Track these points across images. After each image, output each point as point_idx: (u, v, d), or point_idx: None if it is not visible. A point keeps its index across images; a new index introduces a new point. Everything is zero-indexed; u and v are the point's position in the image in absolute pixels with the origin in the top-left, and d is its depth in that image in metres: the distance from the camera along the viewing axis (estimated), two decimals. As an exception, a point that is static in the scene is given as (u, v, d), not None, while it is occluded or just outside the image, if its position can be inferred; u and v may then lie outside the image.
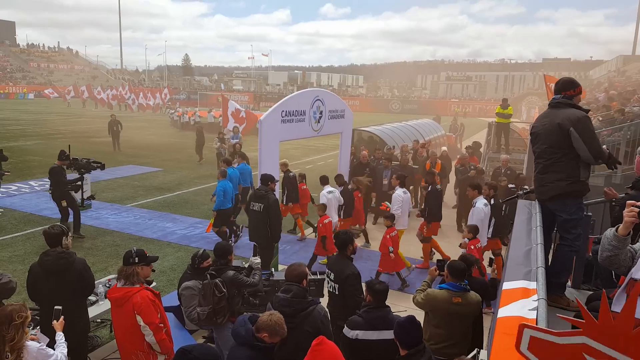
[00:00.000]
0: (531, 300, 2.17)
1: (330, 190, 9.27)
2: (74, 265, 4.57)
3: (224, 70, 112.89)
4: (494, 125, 16.52)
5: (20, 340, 3.28)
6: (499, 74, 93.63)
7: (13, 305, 3.33)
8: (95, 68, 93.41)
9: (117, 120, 22.26)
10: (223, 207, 9.30)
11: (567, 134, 3.56)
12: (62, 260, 4.49)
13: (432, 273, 4.77)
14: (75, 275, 4.54)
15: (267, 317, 3.30)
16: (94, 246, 9.52)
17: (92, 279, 4.90)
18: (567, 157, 3.66)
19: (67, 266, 4.51)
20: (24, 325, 3.30)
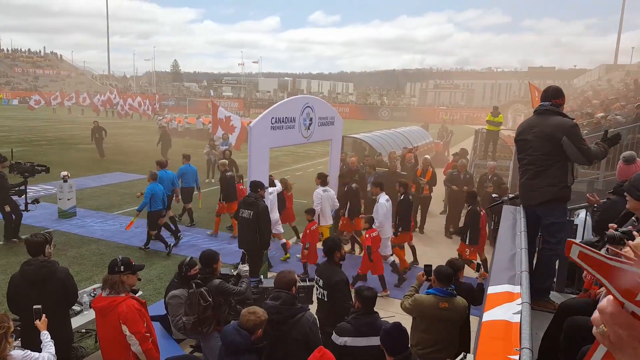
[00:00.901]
0: (515, 304, 2.20)
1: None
2: (56, 274, 4.49)
3: (214, 76, 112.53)
4: (484, 133, 16.69)
5: (4, 350, 3.23)
6: (486, 82, 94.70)
7: None
8: (82, 74, 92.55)
9: (100, 126, 21.91)
10: (153, 208, 9.50)
11: (559, 142, 3.66)
12: (44, 269, 4.41)
13: (420, 278, 4.79)
14: (57, 284, 4.46)
15: (252, 317, 3.31)
16: (79, 255, 9.40)
17: (75, 288, 4.82)
18: (559, 164, 3.77)
19: (49, 275, 4.42)
20: (6, 336, 3.24)
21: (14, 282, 4.47)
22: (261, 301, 5.00)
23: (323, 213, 9.37)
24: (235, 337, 3.26)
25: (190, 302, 4.72)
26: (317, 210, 9.11)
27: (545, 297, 3.85)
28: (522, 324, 1.96)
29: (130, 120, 46.86)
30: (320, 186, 9.50)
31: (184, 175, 11.44)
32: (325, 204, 9.43)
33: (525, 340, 1.82)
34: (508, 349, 1.83)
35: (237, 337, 3.25)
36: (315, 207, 9.15)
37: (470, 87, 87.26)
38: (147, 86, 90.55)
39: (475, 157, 16.55)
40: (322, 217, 9.37)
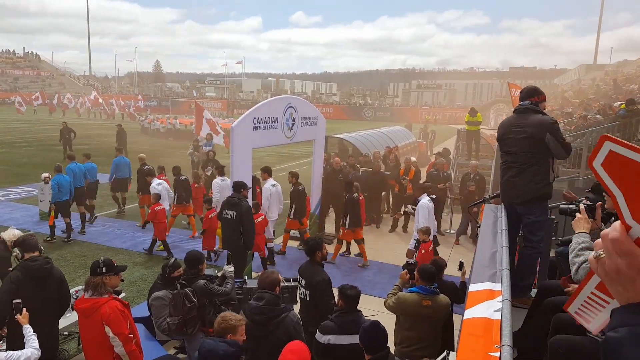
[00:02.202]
0: (496, 301, 2.23)
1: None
2: (55, 272, 4.50)
3: (196, 77, 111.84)
4: (464, 133, 16.87)
5: None
6: (468, 82, 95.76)
7: None
8: (62, 74, 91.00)
9: (69, 127, 21.52)
10: (59, 199, 9.98)
11: (542, 139, 3.74)
12: (48, 265, 4.41)
13: (403, 277, 4.83)
14: (56, 281, 4.44)
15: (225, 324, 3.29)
16: (61, 257, 9.24)
17: (69, 289, 4.80)
18: (541, 161, 3.85)
19: (51, 272, 4.43)
20: None
21: (14, 279, 4.32)
22: (245, 302, 5.00)
23: (270, 209, 9.46)
24: (227, 348, 3.14)
25: (175, 303, 4.69)
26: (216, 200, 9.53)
27: (527, 294, 3.91)
28: (503, 321, 2.00)
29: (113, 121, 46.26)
30: (218, 176, 10.03)
31: (117, 167, 12.20)
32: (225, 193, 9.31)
33: (505, 337, 1.85)
34: (488, 346, 1.86)
35: (229, 347, 3.15)
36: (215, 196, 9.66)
37: (452, 87, 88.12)
38: (129, 87, 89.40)
39: (457, 157, 16.73)
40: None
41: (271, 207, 9.42)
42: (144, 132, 34.71)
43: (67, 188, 10.18)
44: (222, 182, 9.86)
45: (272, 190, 9.43)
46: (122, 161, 12.38)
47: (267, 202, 9.33)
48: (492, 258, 2.88)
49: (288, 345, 2.81)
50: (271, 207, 9.42)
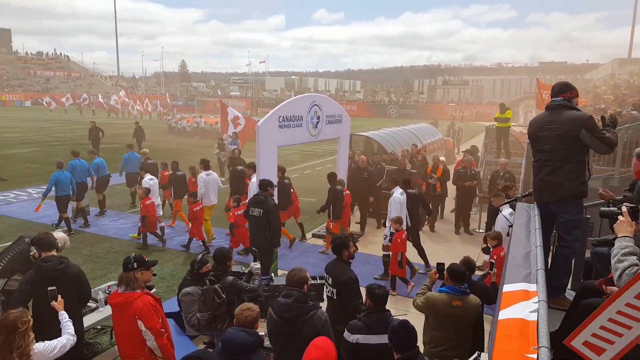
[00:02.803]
0: (531, 302, 2.18)
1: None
2: (71, 270, 4.54)
3: (221, 76, 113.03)
4: (493, 130, 16.55)
5: (28, 345, 3.32)
6: (496, 77, 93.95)
7: (14, 313, 3.35)
8: (92, 75, 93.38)
9: (97, 127, 21.96)
10: (60, 194, 10.48)
11: (577, 136, 3.64)
12: (61, 265, 4.46)
13: (432, 276, 4.77)
14: (73, 280, 4.50)
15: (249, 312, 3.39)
16: (92, 253, 9.50)
17: (88, 283, 4.86)
18: (576, 159, 3.75)
19: (66, 271, 4.47)
20: (28, 330, 3.34)
21: (29, 279, 4.46)
22: (272, 299, 5.02)
23: (207, 194, 10.27)
24: (246, 337, 3.19)
25: (204, 298, 4.76)
26: (201, 193, 10.14)
27: (561, 294, 3.82)
28: (540, 322, 1.95)
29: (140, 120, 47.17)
30: (203, 171, 10.47)
31: (127, 162, 12.90)
32: (209, 187, 10.34)
33: (542, 339, 1.81)
34: (525, 347, 1.82)
35: (248, 336, 3.19)
36: (200, 190, 10.19)
37: (479, 83, 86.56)
38: (155, 87, 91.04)
39: (485, 154, 16.43)
40: (207, 198, 10.28)
41: None
42: (171, 131, 35.33)
43: (67, 184, 10.63)
44: (206, 177, 10.33)
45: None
46: (132, 157, 12.97)
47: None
48: (526, 258, 2.82)
49: (314, 340, 2.82)
50: None
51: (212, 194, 10.47)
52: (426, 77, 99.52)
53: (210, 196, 10.39)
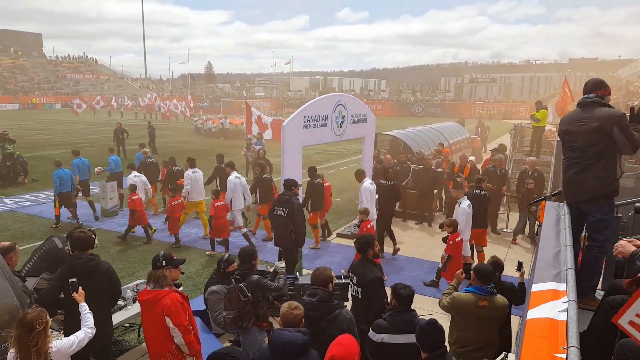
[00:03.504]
0: (561, 302, 2.14)
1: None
2: (101, 267, 4.62)
3: (246, 77, 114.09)
4: (522, 129, 16.17)
5: (45, 345, 3.36)
6: (524, 75, 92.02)
7: (32, 313, 3.38)
8: (120, 78, 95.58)
9: (122, 128, 22.56)
10: (61, 190, 11.16)
11: (610, 133, 3.56)
12: (92, 262, 4.55)
13: (459, 276, 4.71)
14: (103, 277, 4.60)
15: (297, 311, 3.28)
16: (121, 252, 9.72)
17: (119, 281, 4.96)
18: (608, 156, 3.66)
19: (97, 268, 4.55)
20: (45, 331, 3.38)
21: (61, 275, 4.55)
22: (297, 298, 5.04)
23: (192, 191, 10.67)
24: (303, 337, 3.11)
25: (230, 297, 4.81)
26: (186, 190, 10.57)
27: (591, 295, 3.72)
28: (569, 322, 1.91)
29: (168, 122, 48.11)
30: (190, 168, 10.80)
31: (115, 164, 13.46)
32: (195, 184, 10.73)
33: (572, 339, 1.77)
34: (554, 347, 1.78)
35: (304, 336, 3.12)
36: (185, 187, 10.59)
37: (507, 80, 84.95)
38: (182, 88, 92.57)
39: (514, 153, 16.11)
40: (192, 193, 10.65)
41: None
42: (198, 132, 35.88)
43: (68, 181, 11.29)
44: (192, 174, 10.69)
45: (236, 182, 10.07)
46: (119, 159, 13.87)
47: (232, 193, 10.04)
48: (556, 257, 2.75)
49: (337, 338, 2.81)
50: None
51: (199, 191, 10.84)
52: (452, 75, 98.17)
53: (195, 193, 10.73)
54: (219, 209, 9.59)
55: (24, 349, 3.29)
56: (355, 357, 2.63)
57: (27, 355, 3.29)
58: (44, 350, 3.36)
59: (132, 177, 11.19)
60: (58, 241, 5.66)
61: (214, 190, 10.09)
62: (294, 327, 3.24)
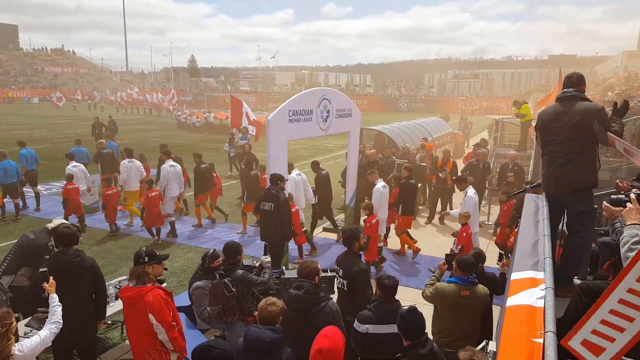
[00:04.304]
0: (539, 289, 2.20)
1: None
2: (87, 263, 4.59)
3: (230, 71, 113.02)
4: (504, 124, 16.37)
5: (6, 348, 3.21)
6: (505, 71, 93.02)
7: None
8: (100, 71, 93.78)
9: (100, 122, 22.44)
10: (5, 182, 11.30)
11: (591, 127, 3.63)
12: (77, 258, 4.52)
13: (441, 267, 4.79)
14: (88, 273, 4.56)
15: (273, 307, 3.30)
16: (103, 249, 9.61)
17: (103, 277, 4.92)
18: (589, 149, 3.74)
19: (82, 264, 4.52)
20: (9, 333, 3.22)
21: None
22: (283, 292, 5.06)
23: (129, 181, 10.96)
24: (273, 335, 3.14)
25: (214, 292, 4.81)
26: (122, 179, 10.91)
27: (569, 284, 3.81)
28: (546, 308, 1.97)
29: (149, 116, 47.55)
30: (126, 158, 11.04)
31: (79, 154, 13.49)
32: (131, 173, 10.98)
33: (549, 324, 1.83)
34: (532, 332, 1.84)
35: (274, 334, 3.15)
36: (122, 176, 10.91)
37: (489, 76, 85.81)
38: (165, 82, 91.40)
39: (495, 147, 16.34)
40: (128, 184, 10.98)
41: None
42: (181, 126, 35.53)
43: (13, 172, 11.45)
44: (129, 164, 10.91)
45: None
46: (79, 150, 13.69)
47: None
48: (534, 247, 2.83)
49: (323, 330, 2.85)
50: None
51: (135, 180, 11.10)
52: (436, 71, 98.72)
53: (131, 182, 11.00)
54: (153, 199, 9.83)
55: None
56: (341, 348, 2.67)
57: None
58: (5, 354, 3.20)
59: (71, 167, 11.27)
60: (30, 234, 5.59)
61: (148, 180, 10.38)
62: (270, 324, 3.27)
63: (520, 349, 1.76)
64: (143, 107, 52.45)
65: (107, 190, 10.58)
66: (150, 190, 9.93)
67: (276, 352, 3.13)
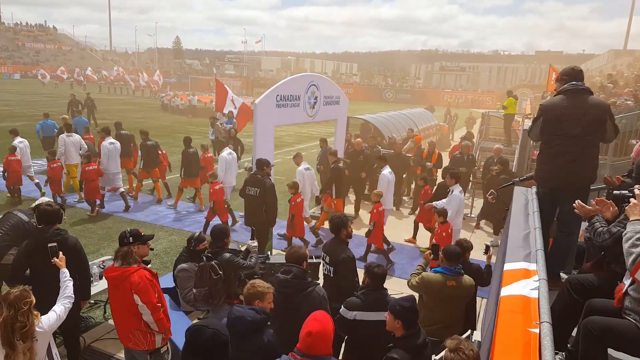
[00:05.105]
0: (532, 280, 2.23)
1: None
2: (69, 242, 4.50)
3: (215, 54, 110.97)
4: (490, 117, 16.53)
5: (32, 325, 3.23)
6: (492, 65, 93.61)
7: (15, 293, 3.22)
8: (83, 49, 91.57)
9: (76, 100, 22.09)
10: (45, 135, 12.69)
11: (604, 123, 3.58)
12: (59, 236, 4.42)
13: (427, 257, 4.83)
14: (71, 252, 4.47)
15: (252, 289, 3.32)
16: (85, 229, 9.46)
17: (86, 256, 4.84)
18: (597, 145, 3.73)
19: (64, 243, 4.43)
20: (31, 310, 3.24)
21: (28, 250, 4.44)
22: (268, 277, 5.05)
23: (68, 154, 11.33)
24: (255, 315, 3.16)
25: (200, 274, 4.77)
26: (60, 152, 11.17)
27: (557, 278, 3.85)
28: (541, 299, 1.99)
29: (132, 97, 46.69)
30: (65, 132, 11.55)
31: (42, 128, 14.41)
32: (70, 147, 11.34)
33: (544, 315, 1.85)
34: (527, 323, 1.86)
35: (256, 314, 3.17)
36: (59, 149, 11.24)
37: (476, 70, 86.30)
38: (149, 63, 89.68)
39: (481, 141, 16.50)
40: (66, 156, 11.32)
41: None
42: (164, 108, 35.00)
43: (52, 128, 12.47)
44: (67, 138, 11.32)
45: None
46: (46, 124, 14.60)
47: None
48: (526, 239, 2.86)
49: (313, 314, 2.86)
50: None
51: (74, 154, 11.41)
52: (423, 62, 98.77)
53: (71, 156, 11.35)
54: (90, 173, 10.15)
55: (7, 331, 3.12)
56: (330, 333, 2.68)
57: (9, 338, 3.12)
58: (31, 332, 3.21)
59: (17, 142, 11.41)
60: (23, 215, 5.44)
61: (86, 155, 10.51)
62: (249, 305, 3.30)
63: (516, 338, 1.78)
64: (127, 87, 51.45)
65: (51, 163, 10.72)
66: (87, 165, 10.21)
67: (258, 332, 3.14)
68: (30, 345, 3.22)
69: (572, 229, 3.82)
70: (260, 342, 3.08)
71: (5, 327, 3.13)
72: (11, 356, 3.14)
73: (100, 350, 5.49)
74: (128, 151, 12.25)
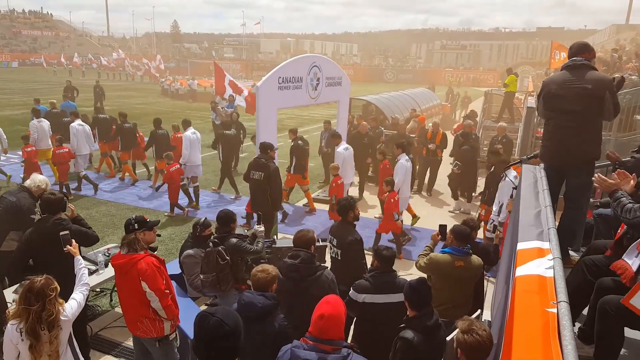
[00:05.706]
0: (546, 259, 2.20)
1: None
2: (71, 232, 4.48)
3: (214, 37, 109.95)
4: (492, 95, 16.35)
5: (58, 313, 3.24)
6: (493, 42, 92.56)
7: (40, 280, 3.22)
8: (81, 35, 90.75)
9: (72, 86, 21.91)
10: None
11: (602, 97, 3.52)
12: (59, 227, 4.40)
13: (435, 237, 4.80)
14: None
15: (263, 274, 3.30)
16: (89, 216, 9.44)
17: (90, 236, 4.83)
18: (598, 120, 3.67)
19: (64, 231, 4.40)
20: (57, 298, 3.26)
21: (31, 239, 4.43)
22: (274, 261, 5.04)
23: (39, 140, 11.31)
24: (265, 301, 3.15)
25: (207, 260, 4.76)
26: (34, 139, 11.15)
27: (565, 255, 3.83)
28: (557, 278, 1.96)
29: (132, 82, 46.39)
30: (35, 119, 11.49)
31: None
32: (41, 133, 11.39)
33: (561, 294, 1.82)
34: (545, 302, 1.83)
35: (267, 300, 3.16)
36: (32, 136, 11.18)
37: (477, 48, 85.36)
38: (147, 47, 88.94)
39: (484, 119, 16.36)
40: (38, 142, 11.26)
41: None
42: (165, 93, 34.81)
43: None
44: (38, 123, 11.42)
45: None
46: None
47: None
48: (537, 217, 2.82)
49: (325, 297, 2.85)
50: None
51: (46, 139, 11.58)
52: (423, 41, 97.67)
53: (42, 141, 11.46)
54: (61, 156, 10.38)
55: (34, 321, 3.13)
56: (342, 316, 2.66)
57: (36, 326, 3.13)
58: (57, 319, 3.23)
59: None
60: (10, 196, 5.37)
61: (57, 139, 10.62)
62: (262, 290, 3.28)
63: (535, 318, 1.76)
64: (126, 73, 51.10)
65: (26, 147, 10.70)
66: (57, 148, 10.42)
67: (268, 318, 3.13)
68: (57, 334, 3.24)
69: (579, 205, 3.78)
70: (272, 327, 3.07)
71: (33, 316, 3.14)
72: (35, 346, 3.15)
73: (108, 338, 5.51)
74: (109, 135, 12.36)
